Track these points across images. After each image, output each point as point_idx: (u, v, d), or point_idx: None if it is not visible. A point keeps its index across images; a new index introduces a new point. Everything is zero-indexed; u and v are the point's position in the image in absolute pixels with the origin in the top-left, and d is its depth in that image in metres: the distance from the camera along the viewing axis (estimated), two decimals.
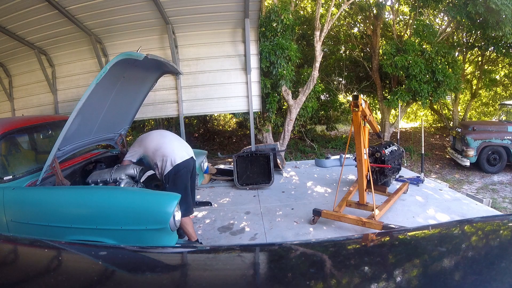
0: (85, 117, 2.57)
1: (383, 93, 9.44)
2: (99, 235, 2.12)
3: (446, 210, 3.90)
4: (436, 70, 7.30)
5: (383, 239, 0.93)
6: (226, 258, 0.84)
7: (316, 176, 5.80)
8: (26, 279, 0.68)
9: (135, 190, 2.58)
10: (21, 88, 6.12)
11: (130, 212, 2.16)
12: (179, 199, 2.22)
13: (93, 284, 0.66)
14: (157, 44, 5.60)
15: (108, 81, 2.51)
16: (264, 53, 6.17)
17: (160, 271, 0.74)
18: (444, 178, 6.62)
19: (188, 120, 10.63)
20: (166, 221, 2.09)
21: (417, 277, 0.64)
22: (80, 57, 5.73)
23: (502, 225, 0.95)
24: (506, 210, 4.82)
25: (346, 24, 10.25)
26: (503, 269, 0.65)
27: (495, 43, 8.19)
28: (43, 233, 2.16)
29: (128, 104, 3.45)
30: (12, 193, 2.26)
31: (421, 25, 7.92)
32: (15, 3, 4.20)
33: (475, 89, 11.20)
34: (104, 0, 4.50)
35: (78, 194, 2.33)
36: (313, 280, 0.64)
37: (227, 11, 5.17)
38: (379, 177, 4.40)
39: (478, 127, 6.89)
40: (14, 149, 2.82)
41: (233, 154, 5.65)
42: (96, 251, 0.87)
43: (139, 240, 2.15)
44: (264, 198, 4.62)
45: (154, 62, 2.92)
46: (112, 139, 3.54)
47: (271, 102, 6.53)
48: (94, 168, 3.32)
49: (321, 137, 10.61)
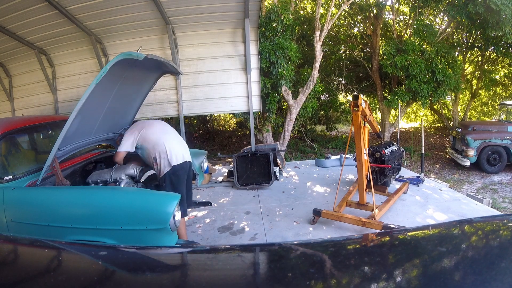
0: (85, 117, 2.57)
1: (383, 93, 9.44)
2: (99, 235, 2.12)
3: (446, 210, 3.90)
4: (436, 70, 7.30)
5: (383, 239, 0.93)
6: (226, 258, 0.84)
7: (316, 176, 5.80)
8: (26, 279, 0.68)
9: (135, 190, 2.58)
10: (21, 88, 6.13)
11: (130, 212, 2.15)
12: (179, 199, 2.22)
13: (93, 284, 0.66)
14: (157, 44, 5.60)
15: (108, 81, 2.51)
16: (264, 53, 6.17)
17: (160, 271, 0.74)
18: (444, 178, 6.63)
19: (188, 120, 10.63)
20: (166, 221, 2.09)
21: (417, 277, 0.64)
22: (80, 57, 5.73)
23: (502, 225, 0.95)
24: (506, 210, 4.82)
25: (346, 24, 10.25)
26: (503, 269, 0.65)
27: (495, 43, 8.19)
28: (43, 233, 2.16)
29: (128, 104, 3.45)
30: (12, 193, 2.26)
31: (421, 25, 7.93)
32: (15, 3, 4.20)
33: (475, 89, 11.20)
34: (104, 0, 4.50)
35: (78, 194, 2.32)
36: (313, 280, 0.64)
37: (227, 11, 5.17)
38: (379, 177, 4.40)
39: (478, 127, 6.89)
40: (14, 149, 2.81)
41: (233, 154, 5.65)
42: (96, 251, 0.87)
43: (139, 240, 2.14)
44: (264, 198, 4.62)
45: (154, 62, 2.92)
46: (113, 139, 3.53)
47: (271, 102, 6.53)
48: (94, 168, 3.32)
49: (321, 137, 10.61)
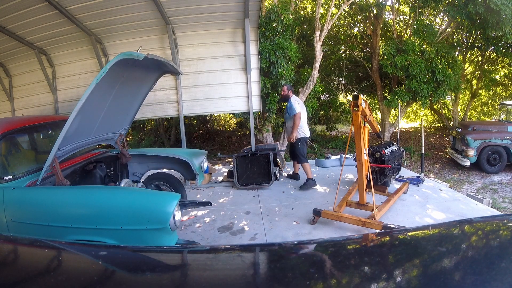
0: (85, 117, 2.57)
1: (383, 93, 9.44)
2: (99, 235, 2.12)
3: (446, 210, 3.90)
4: (436, 70, 7.30)
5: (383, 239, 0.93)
6: (226, 258, 0.84)
7: (316, 176, 5.79)
8: (26, 279, 0.68)
9: (134, 190, 2.58)
10: (21, 88, 6.12)
11: (130, 211, 2.15)
12: (179, 199, 2.22)
13: (93, 284, 0.66)
14: (157, 44, 5.60)
15: (108, 81, 2.51)
16: (264, 53, 6.17)
17: (160, 271, 0.74)
18: (444, 178, 6.63)
19: (188, 120, 10.64)
20: (166, 220, 2.09)
21: (417, 277, 0.64)
22: (80, 57, 5.72)
23: (502, 225, 0.95)
24: (506, 210, 4.82)
25: (346, 24, 10.25)
26: (503, 269, 0.65)
27: (495, 43, 8.19)
28: (43, 233, 2.16)
29: (128, 104, 3.45)
30: (12, 193, 2.26)
31: (421, 25, 7.92)
32: (15, 3, 4.20)
33: (475, 89, 11.20)
34: (104, 0, 4.50)
35: (78, 194, 2.33)
36: (313, 280, 0.64)
37: (227, 11, 5.17)
38: (379, 177, 4.40)
39: (478, 127, 6.88)
40: (14, 149, 2.82)
41: (233, 154, 5.64)
42: (96, 251, 0.87)
43: (139, 240, 2.14)
44: (264, 198, 4.62)
45: (154, 62, 2.92)
46: (112, 139, 3.53)
47: (271, 102, 6.53)
48: (94, 168, 3.32)
49: (321, 137, 10.61)
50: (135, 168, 3.82)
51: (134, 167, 3.80)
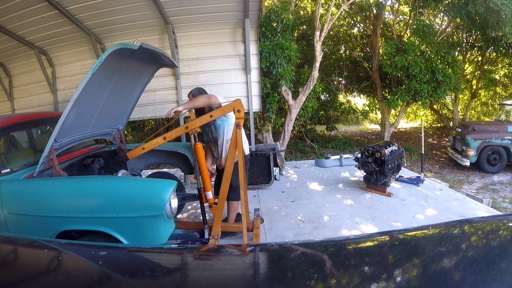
0: (82, 110, 2.55)
1: (383, 93, 9.44)
2: (95, 224, 2.10)
3: (446, 210, 3.90)
4: (436, 70, 7.30)
5: (383, 239, 0.93)
6: (226, 258, 0.84)
7: (316, 176, 5.80)
8: (26, 279, 0.68)
9: (130, 178, 2.55)
10: (21, 88, 6.12)
11: (126, 199, 2.13)
12: (175, 186, 2.20)
13: (93, 284, 0.66)
14: (157, 44, 5.59)
15: (104, 73, 2.49)
16: (264, 53, 6.17)
17: (160, 271, 0.74)
18: (444, 178, 6.63)
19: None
20: (162, 207, 2.07)
21: (417, 277, 0.64)
22: (80, 57, 5.72)
23: (502, 225, 0.95)
24: (506, 210, 4.82)
25: (346, 24, 10.25)
26: (503, 269, 0.65)
27: (495, 43, 8.19)
28: (39, 224, 2.14)
29: (126, 98, 3.42)
30: (10, 186, 2.25)
31: (421, 25, 7.92)
32: (15, 3, 4.20)
33: (474, 89, 11.20)
34: (104, 0, 4.50)
35: (73, 183, 2.30)
36: (313, 280, 0.64)
37: (227, 11, 5.16)
38: (379, 177, 4.40)
39: (478, 127, 6.89)
40: (12, 144, 2.82)
41: None
42: (96, 251, 0.87)
43: (136, 228, 2.11)
44: (264, 198, 4.62)
45: (150, 55, 2.91)
46: (110, 134, 3.51)
47: (271, 102, 6.53)
48: (92, 163, 3.30)
49: (321, 137, 10.61)
50: (133, 164, 3.78)
51: (132, 162, 3.75)
